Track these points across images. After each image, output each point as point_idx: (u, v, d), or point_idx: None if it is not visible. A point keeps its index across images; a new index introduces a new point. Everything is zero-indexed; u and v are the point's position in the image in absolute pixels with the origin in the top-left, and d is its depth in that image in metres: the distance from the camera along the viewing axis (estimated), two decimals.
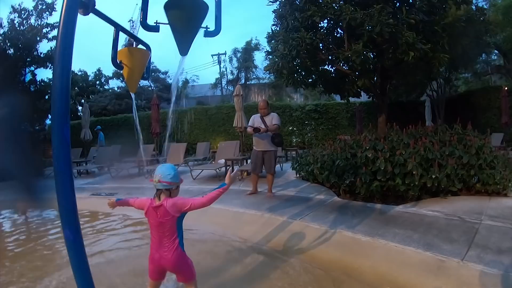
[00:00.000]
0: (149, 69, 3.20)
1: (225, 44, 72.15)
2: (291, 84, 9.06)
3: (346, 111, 17.40)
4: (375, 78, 8.48)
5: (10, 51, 14.12)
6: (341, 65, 8.18)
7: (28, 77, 15.27)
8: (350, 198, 5.91)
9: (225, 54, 33.34)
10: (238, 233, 4.75)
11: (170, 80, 32.71)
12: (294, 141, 17.58)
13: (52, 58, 14.83)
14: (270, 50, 9.59)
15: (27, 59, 14.72)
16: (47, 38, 15.02)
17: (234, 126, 10.76)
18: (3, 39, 14.27)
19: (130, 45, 3.10)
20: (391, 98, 12.43)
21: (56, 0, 14.98)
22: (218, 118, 18.45)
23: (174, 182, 2.42)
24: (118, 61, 2.78)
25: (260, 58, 37.91)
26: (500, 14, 15.59)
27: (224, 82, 34.90)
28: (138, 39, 3.10)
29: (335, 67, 8.57)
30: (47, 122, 20.26)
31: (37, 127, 19.12)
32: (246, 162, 9.58)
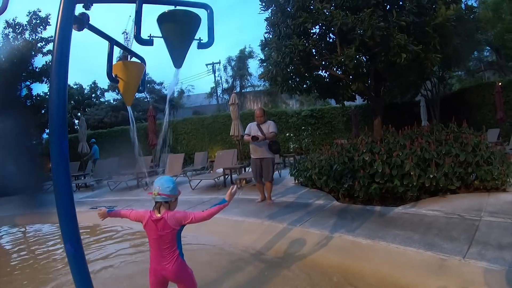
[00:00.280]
0: (144, 81, 3.21)
1: (219, 53, 72.55)
2: (286, 91, 9.11)
3: (342, 115, 17.45)
4: (369, 81, 8.54)
5: (6, 66, 14.13)
6: (334, 70, 8.23)
7: (24, 91, 15.29)
8: (349, 202, 5.92)
9: (219, 63, 33.49)
10: (239, 241, 4.74)
11: (165, 91, 32.71)
12: (292, 147, 17.57)
13: (47, 72, 14.87)
14: (263, 58, 9.67)
15: (23, 74, 14.74)
16: (42, 53, 15.09)
17: (231, 134, 10.75)
18: None
19: (125, 58, 3.12)
20: (386, 100, 12.48)
21: (50, 14, 15.09)
22: (215, 128, 18.44)
23: (172, 194, 2.42)
24: (113, 75, 2.80)
25: (254, 66, 38.14)
26: (490, 11, 15.80)
27: (219, 91, 34.99)
28: (133, 53, 3.12)
29: (329, 72, 8.63)
30: (44, 136, 20.25)
31: (34, 141, 19.07)
32: (245, 170, 9.59)
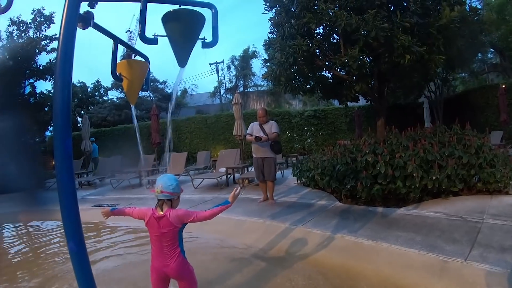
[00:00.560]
0: (148, 80, 3.23)
1: (222, 52, 72.58)
2: (289, 91, 9.11)
3: (345, 116, 17.44)
4: (372, 82, 8.52)
5: (10, 64, 14.21)
6: (338, 70, 8.23)
7: (27, 89, 15.36)
8: (351, 202, 5.91)
9: (222, 62, 33.58)
10: (241, 240, 4.75)
11: (168, 90, 32.78)
12: (294, 147, 17.57)
13: (51, 70, 14.92)
14: (267, 58, 9.66)
15: (27, 72, 14.80)
16: (46, 50, 15.14)
17: (233, 134, 10.78)
18: (2, 52, 14.37)
19: (129, 56, 3.13)
20: (389, 101, 12.43)
21: (54, 12, 15.15)
22: (218, 127, 18.46)
23: (175, 192, 2.43)
24: (117, 73, 2.81)
25: (257, 66, 38.06)
26: (494, 13, 15.72)
27: (222, 91, 35.05)
28: (137, 51, 3.13)
29: (333, 73, 8.63)
30: (47, 134, 20.38)
31: (37, 139, 19.19)
32: (247, 169, 9.59)
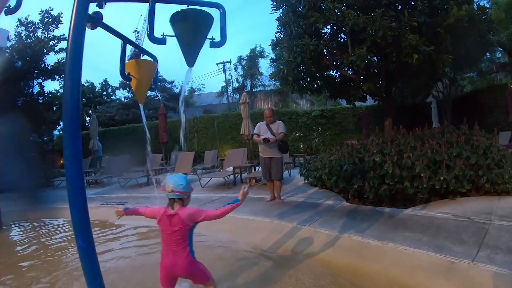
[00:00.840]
0: (156, 80, 3.26)
1: (230, 52, 72.64)
2: (297, 90, 9.11)
3: (352, 116, 17.39)
4: (380, 82, 8.49)
5: (18, 64, 14.37)
6: (345, 70, 8.21)
7: (36, 89, 15.54)
8: (358, 202, 5.90)
9: (230, 62, 33.60)
10: (248, 240, 4.77)
11: (176, 89, 32.94)
12: (302, 147, 17.54)
13: (59, 70, 15.07)
14: (274, 58, 9.67)
15: (35, 71, 14.96)
16: (54, 50, 15.27)
17: (241, 133, 10.81)
18: (11, 52, 14.54)
19: (137, 56, 3.16)
20: (397, 101, 12.38)
21: (62, 13, 15.28)
22: (225, 126, 18.53)
23: (186, 191, 2.47)
24: (126, 73, 2.84)
25: (265, 65, 38.11)
26: (502, 12, 15.50)
27: (230, 90, 35.12)
28: (145, 51, 3.16)
29: (340, 72, 8.62)
30: (55, 132, 20.62)
31: (45, 138, 19.42)
32: (254, 169, 9.60)
